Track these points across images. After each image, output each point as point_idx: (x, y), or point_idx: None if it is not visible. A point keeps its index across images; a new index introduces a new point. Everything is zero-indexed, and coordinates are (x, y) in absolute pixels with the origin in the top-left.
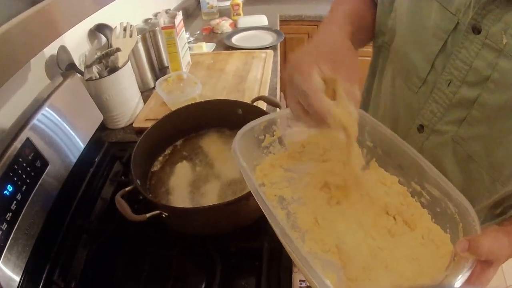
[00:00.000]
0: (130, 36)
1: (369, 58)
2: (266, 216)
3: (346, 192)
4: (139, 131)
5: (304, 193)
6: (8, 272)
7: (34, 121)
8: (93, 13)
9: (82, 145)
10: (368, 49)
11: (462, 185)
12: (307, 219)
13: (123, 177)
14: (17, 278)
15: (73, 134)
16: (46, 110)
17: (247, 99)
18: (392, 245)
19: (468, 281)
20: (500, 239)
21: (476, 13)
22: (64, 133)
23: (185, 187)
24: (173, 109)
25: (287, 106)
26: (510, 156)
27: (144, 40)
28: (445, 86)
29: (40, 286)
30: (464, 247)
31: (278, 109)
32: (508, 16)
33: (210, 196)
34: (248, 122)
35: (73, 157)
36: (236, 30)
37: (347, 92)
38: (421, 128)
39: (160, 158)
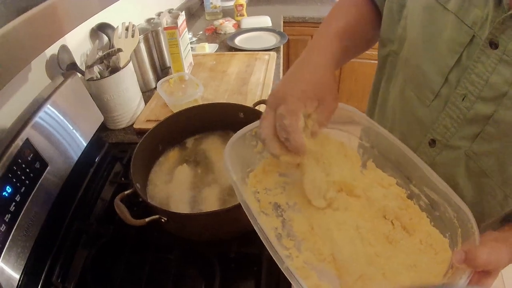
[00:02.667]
0: (132, 36)
1: (375, 61)
2: (258, 233)
3: (343, 194)
4: (140, 132)
5: (299, 199)
6: (7, 272)
7: (34, 121)
8: (97, 13)
9: (82, 146)
10: (374, 51)
11: (474, 199)
12: (302, 226)
13: (123, 179)
14: (16, 279)
15: (74, 134)
16: (46, 110)
17: (249, 102)
18: (389, 252)
19: None
20: (498, 248)
21: (494, 28)
22: (64, 133)
23: (185, 191)
24: (175, 110)
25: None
26: None
27: (146, 40)
28: (460, 101)
29: (39, 287)
30: (460, 259)
31: None
32: None
33: (210, 201)
34: None
35: (73, 158)
36: (239, 31)
37: (312, 131)
38: (432, 142)
39: (160, 161)
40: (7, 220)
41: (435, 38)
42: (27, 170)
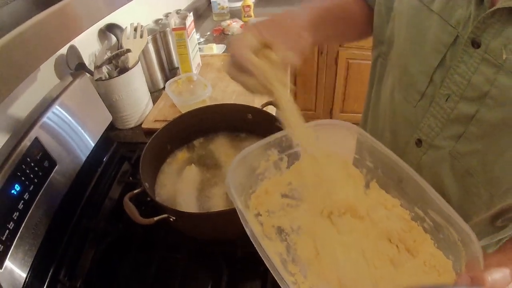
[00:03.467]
0: (141, 36)
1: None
2: (263, 259)
3: (347, 216)
4: (148, 132)
5: (303, 222)
6: (15, 270)
7: (43, 120)
8: (107, 15)
9: (90, 145)
10: (369, 52)
11: (459, 199)
12: (307, 251)
13: (131, 178)
14: (23, 276)
15: (82, 134)
16: (55, 110)
17: (257, 103)
18: (394, 275)
19: None
20: (502, 272)
21: (475, 27)
22: (73, 133)
23: (193, 190)
24: (183, 111)
25: None
26: (508, 171)
27: (154, 41)
28: (443, 101)
29: (46, 285)
30: (467, 283)
31: None
32: (508, 31)
33: (218, 201)
34: (258, 126)
35: (82, 157)
36: None
37: (281, 56)
38: (419, 142)
39: (169, 161)
40: (15, 218)
41: (421, 39)
42: (36, 169)
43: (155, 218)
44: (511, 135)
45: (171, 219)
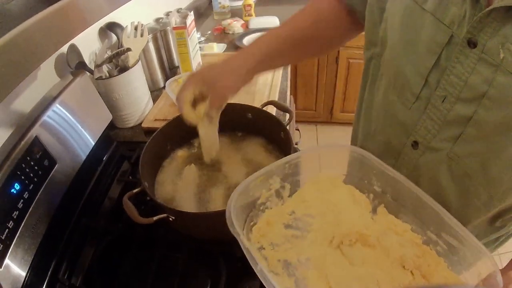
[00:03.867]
0: (141, 35)
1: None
2: None
3: (358, 245)
4: (148, 131)
5: (311, 253)
6: (15, 268)
7: (43, 119)
8: (108, 13)
9: (90, 144)
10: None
11: (458, 201)
12: (319, 285)
13: (130, 177)
14: (23, 275)
15: (82, 132)
16: (55, 109)
17: (257, 103)
18: None
19: None
20: None
21: (472, 26)
22: (73, 131)
23: (192, 190)
24: None
25: None
26: (506, 172)
27: (155, 40)
28: (440, 103)
29: (46, 283)
30: None
31: (287, 114)
32: (505, 29)
33: (217, 200)
34: (258, 126)
35: (81, 156)
36: (248, 31)
37: (206, 111)
38: (415, 144)
39: (168, 160)
40: (15, 216)
41: (414, 39)
42: (36, 167)
43: (154, 218)
44: (509, 135)
45: (170, 219)
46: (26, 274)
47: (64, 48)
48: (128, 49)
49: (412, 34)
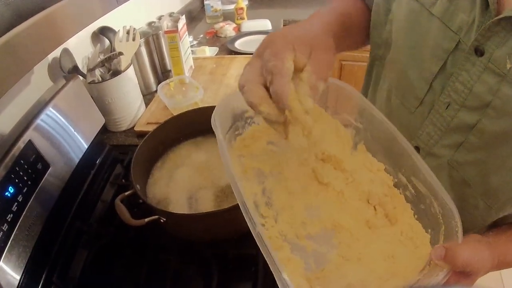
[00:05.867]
0: (133, 39)
1: (366, 64)
2: (236, 196)
3: (329, 166)
4: (141, 134)
5: (284, 169)
6: (9, 271)
7: (36, 123)
8: (99, 18)
9: (83, 148)
10: (365, 53)
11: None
12: (283, 197)
13: (123, 180)
14: (17, 278)
15: (75, 136)
16: (48, 112)
17: None
18: (368, 238)
19: None
20: (480, 251)
21: (480, 35)
22: (66, 135)
23: (184, 192)
24: (175, 113)
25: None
26: (506, 183)
27: (147, 44)
28: (443, 109)
29: (40, 286)
30: (440, 255)
31: None
32: None
33: (208, 202)
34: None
35: (75, 160)
36: (240, 34)
37: (311, 85)
38: (416, 149)
39: (160, 163)
40: (9, 219)
41: (420, 43)
42: (29, 171)
43: (146, 219)
44: (511, 146)
45: (161, 220)
46: (21, 278)
47: (57, 53)
48: (121, 53)
49: (417, 38)
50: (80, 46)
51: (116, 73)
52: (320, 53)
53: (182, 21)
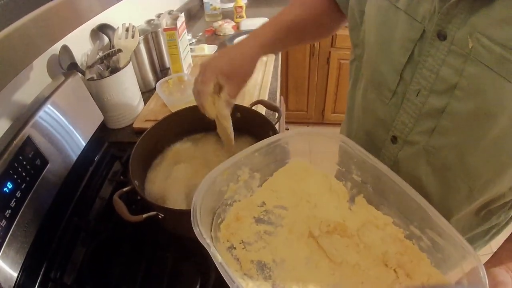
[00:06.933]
0: (132, 37)
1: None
2: None
3: (336, 236)
4: (139, 131)
5: (287, 253)
6: (6, 268)
7: (35, 119)
8: (98, 14)
9: (82, 144)
10: None
11: (440, 194)
12: None
13: (122, 177)
14: (15, 274)
15: (74, 133)
16: (47, 109)
17: (247, 103)
18: None
19: None
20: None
21: (440, 19)
22: (65, 132)
23: (182, 189)
24: (173, 110)
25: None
26: (484, 163)
27: (146, 41)
28: (414, 96)
29: (38, 283)
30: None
31: (276, 113)
32: (473, 19)
33: None
34: (246, 125)
35: (73, 156)
36: (239, 32)
37: (225, 100)
38: (394, 139)
39: (158, 160)
40: (7, 215)
41: (389, 38)
42: (28, 167)
43: (144, 215)
44: (483, 125)
45: (159, 216)
46: (18, 274)
47: (56, 49)
48: (119, 50)
49: (387, 33)
50: (79, 43)
51: (115, 70)
52: (235, 79)
53: (181, 19)
